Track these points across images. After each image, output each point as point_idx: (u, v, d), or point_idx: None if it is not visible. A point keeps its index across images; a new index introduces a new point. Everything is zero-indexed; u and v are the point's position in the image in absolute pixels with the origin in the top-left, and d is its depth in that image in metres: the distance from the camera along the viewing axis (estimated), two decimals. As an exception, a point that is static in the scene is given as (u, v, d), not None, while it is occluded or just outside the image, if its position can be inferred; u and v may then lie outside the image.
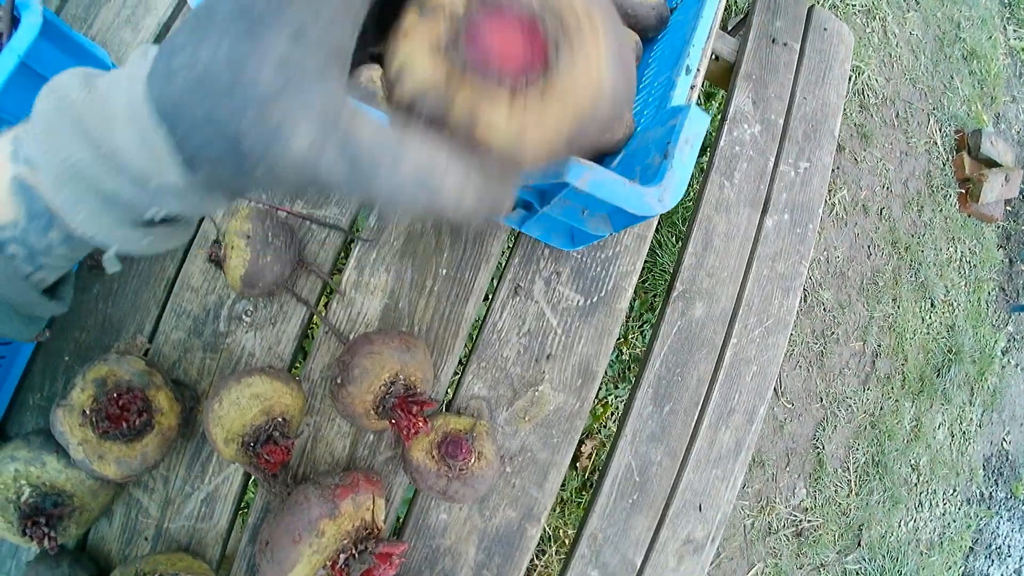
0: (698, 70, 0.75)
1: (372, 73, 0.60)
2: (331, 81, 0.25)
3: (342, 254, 0.75)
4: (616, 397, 1.51)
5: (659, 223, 0.66)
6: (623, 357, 1.57)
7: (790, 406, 1.89)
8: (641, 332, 1.61)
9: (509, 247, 0.77)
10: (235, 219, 0.65)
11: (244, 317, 0.72)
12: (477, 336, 0.75)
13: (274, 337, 0.72)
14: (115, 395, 0.60)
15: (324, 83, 0.25)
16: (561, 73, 0.27)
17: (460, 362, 0.75)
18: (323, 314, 0.73)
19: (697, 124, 0.50)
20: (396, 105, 0.29)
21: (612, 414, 1.49)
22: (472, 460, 0.64)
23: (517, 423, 0.74)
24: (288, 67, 0.24)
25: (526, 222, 0.72)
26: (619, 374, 1.56)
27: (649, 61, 0.75)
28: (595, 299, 0.78)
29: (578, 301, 0.77)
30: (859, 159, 2.16)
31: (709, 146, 1.09)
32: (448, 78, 0.27)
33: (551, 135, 0.28)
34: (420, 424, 0.61)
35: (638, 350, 1.57)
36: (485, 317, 0.76)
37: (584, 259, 0.78)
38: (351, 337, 0.72)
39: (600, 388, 1.55)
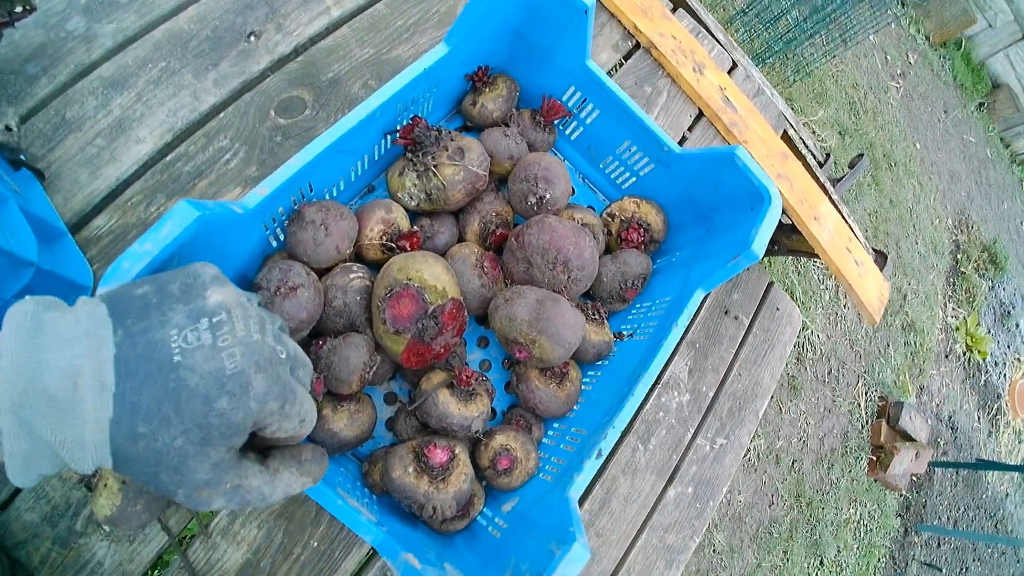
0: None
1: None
2: (236, 469, 0.38)
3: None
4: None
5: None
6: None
7: (660, 643, 1.85)
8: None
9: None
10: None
11: (104, 526, 0.68)
12: (330, 615, 0.72)
13: (128, 555, 0.68)
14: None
15: (233, 471, 0.38)
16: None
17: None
18: (183, 550, 0.69)
19: (573, 565, 0.50)
20: None
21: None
22: None
23: None
24: (218, 469, 0.36)
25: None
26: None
27: (584, 391, 0.76)
28: (459, 606, 0.75)
29: (442, 606, 0.74)
30: (784, 409, 2.24)
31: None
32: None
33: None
34: None
35: None
36: (343, 599, 0.72)
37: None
38: (199, 583, 0.68)
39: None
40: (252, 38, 0.86)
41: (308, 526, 0.72)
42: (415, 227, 0.72)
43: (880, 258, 1.35)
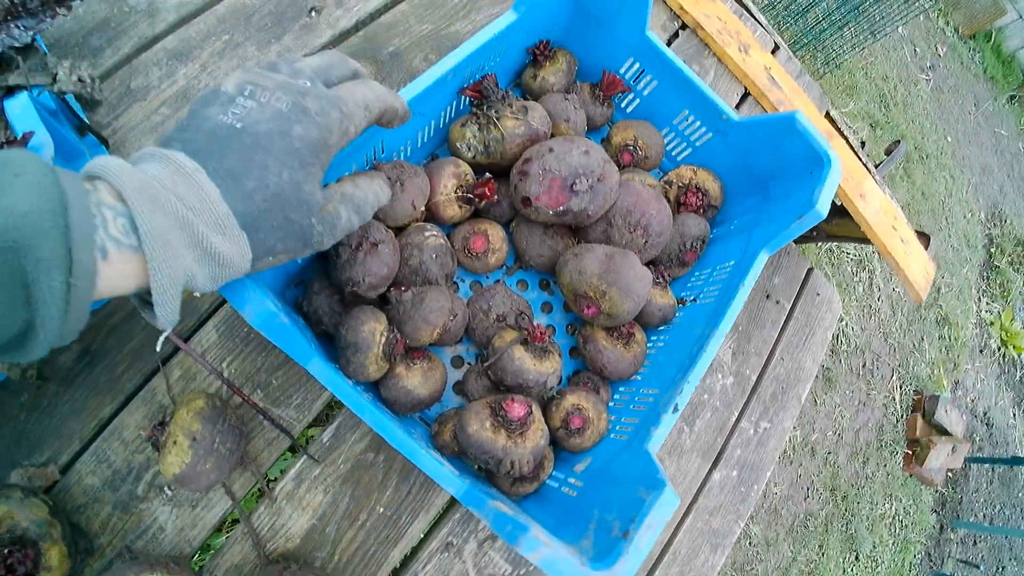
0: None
1: (376, 326, 0.59)
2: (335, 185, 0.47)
3: (286, 457, 0.72)
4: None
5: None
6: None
7: (695, 634, 1.83)
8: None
9: (451, 501, 0.75)
10: (187, 411, 0.62)
11: (166, 490, 0.68)
12: (395, 579, 0.72)
13: (190, 520, 0.68)
14: (4, 551, 0.55)
15: (334, 186, 0.46)
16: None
17: (370, 599, 0.71)
18: (247, 515, 0.69)
19: (665, 509, 0.50)
20: None
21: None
22: None
23: None
24: (326, 189, 0.44)
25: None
26: None
27: (649, 355, 0.76)
28: (523, 571, 0.75)
29: (506, 570, 0.74)
30: (819, 401, 2.22)
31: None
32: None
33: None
34: None
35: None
36: (408, 563, 0.72)
37: (524, 531, 0.76)
38: (268, 547, 0.69)
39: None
40: (313, 13, 0.87)
41: (375, 491, 0.72)
42: (487, 175, 0.72)
43: (923, 239, 1.33)
